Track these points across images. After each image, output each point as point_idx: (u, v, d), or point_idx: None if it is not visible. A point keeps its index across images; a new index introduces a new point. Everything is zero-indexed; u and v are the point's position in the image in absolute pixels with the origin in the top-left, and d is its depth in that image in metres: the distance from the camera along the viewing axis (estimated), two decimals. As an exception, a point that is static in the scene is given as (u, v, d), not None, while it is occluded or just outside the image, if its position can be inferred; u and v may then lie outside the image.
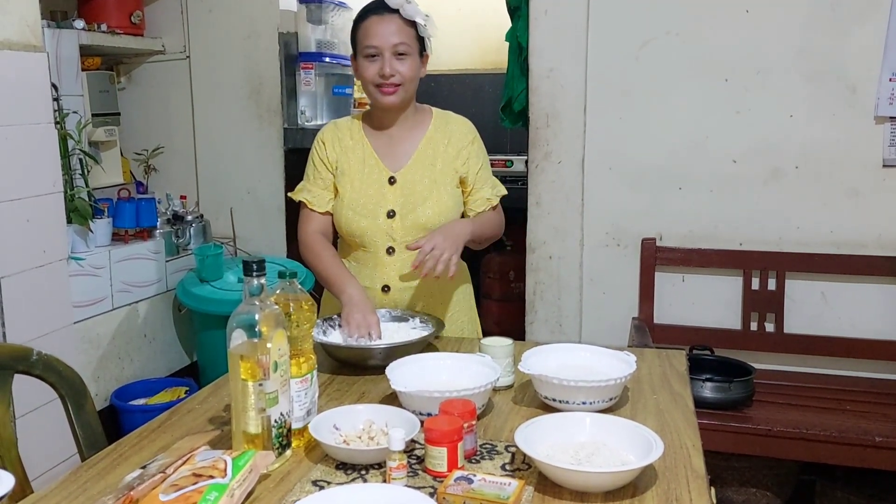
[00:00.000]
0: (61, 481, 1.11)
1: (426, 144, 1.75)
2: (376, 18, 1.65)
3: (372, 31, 1.65)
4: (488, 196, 1.78)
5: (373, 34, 1.64)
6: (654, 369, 1.53)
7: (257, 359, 1.08)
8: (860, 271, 2.46)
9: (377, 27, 1.64)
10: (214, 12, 3.11)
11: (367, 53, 1.65)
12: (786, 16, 2.43)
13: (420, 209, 1.70)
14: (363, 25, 1.67)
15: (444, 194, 1.72)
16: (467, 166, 1.75)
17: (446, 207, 1.72)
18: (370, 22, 1.66)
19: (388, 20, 1.65)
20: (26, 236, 2.16)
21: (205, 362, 2.95)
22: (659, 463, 1.09)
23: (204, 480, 0.96)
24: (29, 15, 2.16)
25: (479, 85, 3.91)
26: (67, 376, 1.37)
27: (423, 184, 1.72)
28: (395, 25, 1.65)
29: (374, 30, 1.64)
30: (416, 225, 1.71)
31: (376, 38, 1.64)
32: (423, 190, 1.72)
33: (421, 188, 1.72)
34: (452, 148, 1.75)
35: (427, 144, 1.75)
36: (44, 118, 2.22)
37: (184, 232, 3.06)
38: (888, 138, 2.40)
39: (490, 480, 1.03)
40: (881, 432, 2.11)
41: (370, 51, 1.65)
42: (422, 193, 1.71)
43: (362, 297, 1.62)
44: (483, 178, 1.78)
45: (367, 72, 1.66)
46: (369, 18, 1.66)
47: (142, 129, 3.24)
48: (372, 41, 1.64)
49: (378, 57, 1.64)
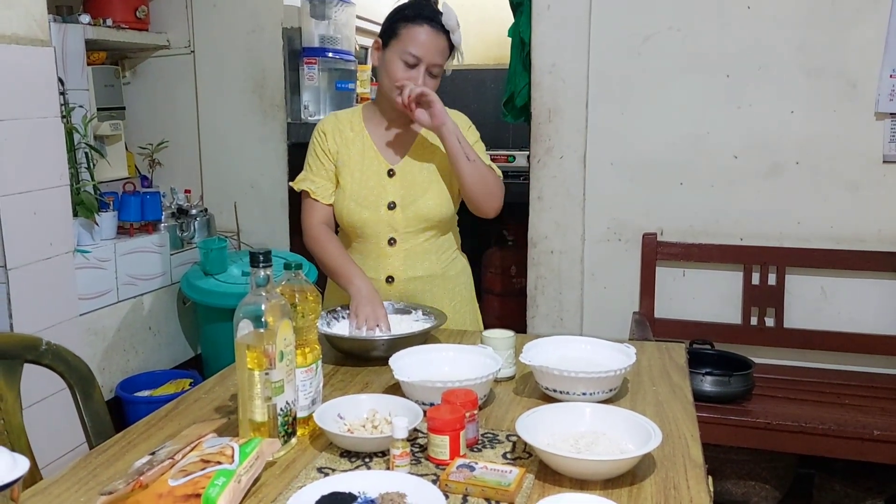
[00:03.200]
0: (71, 467, 1.13)
1: (424, 137, 1.77)
2: (429, 30, 1.65)
3: (422, 40, 1.64)
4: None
5: (421, 44, 1.64)
6: (653, 361, 1.55)
7: (263, 348, 1.10)
8: (860, 266, 2.47)
9: (428, 39, 1.64)
10: (219, 7, 3.13)
11: (407, 60, 1.65)
12: (787, 11, 2.44)
13: (420, 201, 1.72)
14: (413, 28, 1.65)
15: (444, 185, 1.74)
16: None
17: (447, 198, 1.74)
18: (423, 30, 1.64)
19: (439, 38, 1.66)
20: (33, 229, 2.18)
21: (208, 354, 2.98)
22: (657, 452, 1.11)
23: (212, 466, 0.98)
24: (36, 10, 2.18)
25: (482, 80, 3.92)
26: (76, 366, 1.39)
27: (423, 175, 1.74)
28: (442, 45, 1.66)
29: (424, 40, 1.64)
30: (418, 216, 1.73)
31: (423, 49, 1.64)
32: (422, 182, 1.73)
33: (420, 180, 1.73)
34: None
35: (425, 137, 1.77)
36: (50, 112, 2.24)
37: (188, 225, 3.08)
38: (888, 134, 2.42)
39: (491, 468, 1.05)
40: (879, 426, 2.13)
41: (411, 59, 1.64)
42: (422, 185, 1.73)
43: (370, 290, 1.64)
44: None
45: (398, 74, 1.65)
46: (423, 26, 1.65)
47: (147, 124, 3.26)
48: (419, 51, 1.64)
49: (415, 67, 1.65)
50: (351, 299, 1.64)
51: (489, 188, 1.72)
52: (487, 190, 1.72)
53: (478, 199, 1.72)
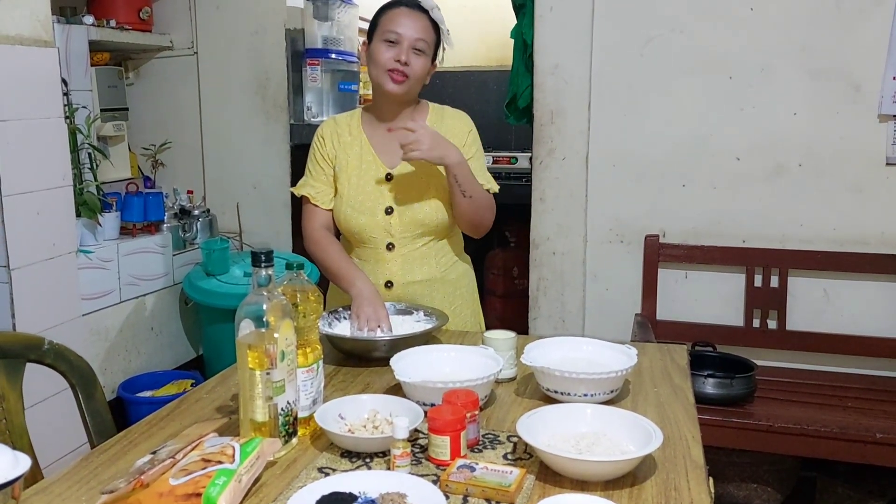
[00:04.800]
0: (73, 466, 1.14)
1: None
2: (406, 10, 1.69)
3: (399, 20, 1.68)
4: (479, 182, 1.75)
5: (399, 23, 1.67)
6: (655, 363, 1.55)
7: (265, 348, 1.10)
8: (862, 269, 2.47)
9: (405, 18, 1.68)
10: (222, 9, 3.14)
11: (388, 39, 1.67)
12: (790, 13, 2.44)
13: (417, 206, 1.72)
14: (391, 12, 1.70)
15: (442, 190, 1.73)
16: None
17: (444, 204, 1.74)
18: (399, 11, 1.69)
19: (417, 16, 1.69)
20: (36, 229, 2.19)
21: (210, 355, 2.98)
22: (658, 453, 1.11)
23: (213, 465, 0.98)
24: (40, 11, 2.18)
25: (484, 81, 3.93)
26: (78, 365, 1.40)
27: (420, 180, 1.73)
28: (422, 23, 1.68)
29: (402, 20, 1.68)
30: (415, 221, 1.73)
31: (402, 27, 1.67)
32: (420, 186, 1.73)
33: (418, 184, 1.73)
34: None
35: None
36: (54, 113, 2.25)
37: (191, 226, 3.08)
38: (892, 136, 2.41)
39: (492, 469, 1.05)
40: (882, 429, 2.12)
41: (392, 36, 1.67)
42: (419, 190, 1.73)
43: (372, 291, 1.65)
44: (475, 168, 1.74)
45: (383, 55, 1.68)
46: (399, 8, 1.69)
47: (149, 124, 3.27)
48: (397, 28, 1.67)
49: (398, 44, 1.67)
50: (352, 301, 1.64)
51: (479, 219, 1.76)
52: (478, 221, 1.76)
53: (466, 228, 1.79)
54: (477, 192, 1.71)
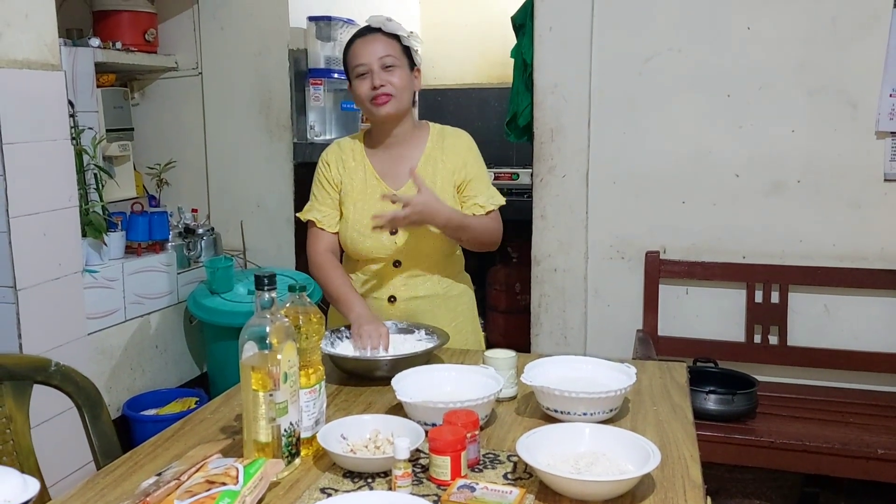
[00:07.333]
0: (79, 488, 1.15)
1: (425, 162, 1.79)
2: (360, 41, 1.75)
3: (358, 51, 1.74)
4: (482, 203, 1.79)
5: (359, 54, 1.73)
6: (654, 381, 1.56)
7: (268, 370, 1.11)
8: (862, 284, 2.48)
9: (362, 47, 1.73)
10: (226, 30, 3.18)
11: (358, 73, 1.73)
12: (787, 32, 2.46)
13: (423, 227, 1.74)
14: (351, 50, 1.76)
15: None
16: (463, 174, 1.79)
17: None
18: (356, 45, 1.75)
19: (372, 39, 1.74)
20: (43, 250, 2.21)
21: (215, 373, 2.99)
22: (657, 472, 1.12)
23: (217, 487, 1.00)
24: (47, 34, 2.22)
25: (485, 99, 3.96)
26: (84, 386, 1.41)
27: None
28: (379, 42, 1.73)
29: (360, 50, 1.73)
30: (419, 241, 1.76)
31: (363, 56, 1.72)
32: None
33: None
34: (450, 162, 1.79)
35: (426, 162, 1.79)
36: (60, 135, 2.28)
37: (195, 245, 3.11)
38: (889, 153, 2.43)
39: (492, 489, 1.07)
40: (883, 444, 2.13)
41: (360, 69, 1.72)
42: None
43: (371, 316, 1.68)
44: (478, 187, 1.79)
45: (361, 89, 1.73)
46: (355, 43, 1.76)
47: (155, 144, 3.31)
48: (360, 59, 1.73)
49: (367, 74, 1.72)
50: (352, 324, 1.67)
51: (485, 240, 1.80)
52: (484, 241, 1.80)
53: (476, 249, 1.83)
54: (473, 226, 1.75)
